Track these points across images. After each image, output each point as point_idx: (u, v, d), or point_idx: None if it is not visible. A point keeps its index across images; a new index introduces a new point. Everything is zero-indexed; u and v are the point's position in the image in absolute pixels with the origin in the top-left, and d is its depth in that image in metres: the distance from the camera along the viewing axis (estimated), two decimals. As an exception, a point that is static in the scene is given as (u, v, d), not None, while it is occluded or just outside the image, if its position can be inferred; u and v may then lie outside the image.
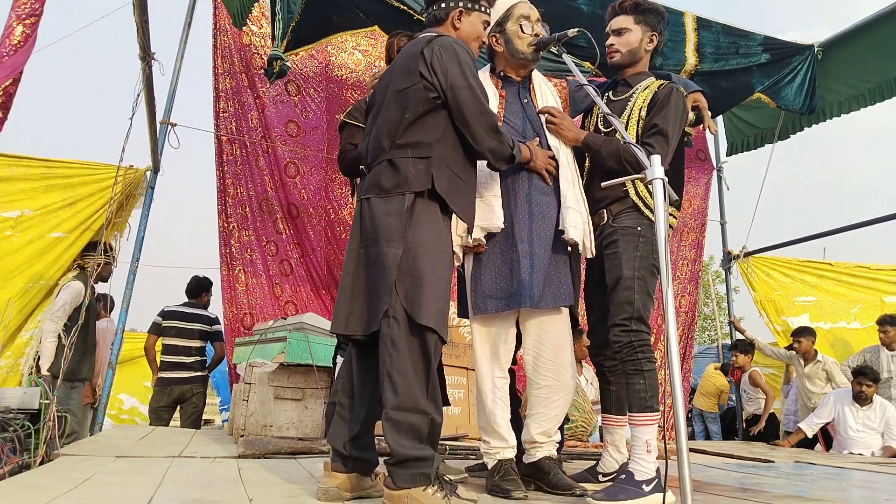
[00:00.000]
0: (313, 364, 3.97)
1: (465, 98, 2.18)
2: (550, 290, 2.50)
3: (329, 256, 5.59)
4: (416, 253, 2.11)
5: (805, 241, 6.65)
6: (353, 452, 2.21)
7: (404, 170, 2.16)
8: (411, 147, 2.19)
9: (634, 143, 2.11)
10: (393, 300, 2.06)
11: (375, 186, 2.21)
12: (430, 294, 2.09)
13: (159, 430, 4.48)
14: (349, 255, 2.25)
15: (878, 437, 5.28)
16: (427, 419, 2.04)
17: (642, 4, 2.79)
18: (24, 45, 2.19)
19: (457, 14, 2.39)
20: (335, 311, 2.24)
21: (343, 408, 2.26)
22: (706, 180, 7.04)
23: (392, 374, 2.03)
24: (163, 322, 5.58)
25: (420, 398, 2.03)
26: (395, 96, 2.23)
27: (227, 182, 5.19)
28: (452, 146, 2.25)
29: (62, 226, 4.69)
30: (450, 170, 2.22)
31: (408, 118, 2.19)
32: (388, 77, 2.33)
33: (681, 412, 1.72)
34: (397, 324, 2.05)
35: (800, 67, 5.55)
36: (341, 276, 2.27)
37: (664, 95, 2.63)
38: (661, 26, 2.81)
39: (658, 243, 1.84)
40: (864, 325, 6.80)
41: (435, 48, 2.20)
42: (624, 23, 2.78)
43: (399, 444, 2.00)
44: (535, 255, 2.49)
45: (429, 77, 2.17)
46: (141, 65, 3.76)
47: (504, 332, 2.56)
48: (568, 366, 2.57)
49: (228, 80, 5.24)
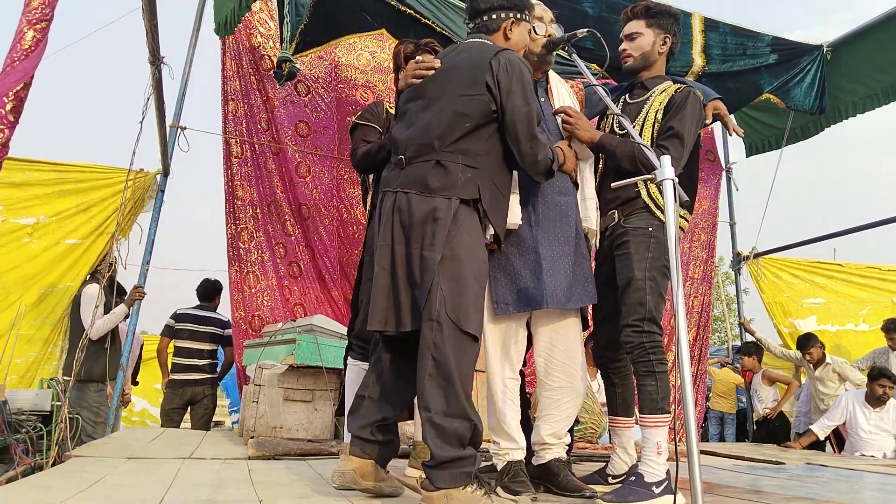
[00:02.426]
0: (322, 366, 3.98)
1: (521, 119, 2.21)
2: (578, 290, 2.51)
3: (342, 257, 5.59)
4: (461, 260, 2.12)
5: (815, 241, 6.61)
6: (376, 437, 2.22)
7: (454, 174, 2.17)
8: (462, 153, 2.20)
9: (646, 145, 2.12)
10: (437, 304, 2.06)
11: (419, 183, 2.19)
12: (474, 302, 2.12)
13: (170, 432, 4.50)
14: (383, 251, 2.23)
15: (890, 439, 5.24)
16: (471, 425, 2.04)
17: (653, 8, 2.80)
18: (35, 50, 2.21)
19: (509, 25, 2.42)
20: (372, 308, 2.21)
21: (372, 400, 2.27)
22: (716, 181, 7.00)
23: (438, 379, 2.04)
24: (175, 324, 5.61)
25: (466, 404, 2.04)
26: (458, 99, 2.23)
27: (235, 184, 5.20)
28: (497, 160, 2.28)
29: (77, 232, 4.74)
30: (493, 182, 2.25)
31: (468, 126, 2.21)
32: (446, 75, 2.31)
33: (691, 414, 1.71)
34: (440, 328, 2.05)
35: (809, 67, 5.52)
36: (375, 272, 2.25)
37: (681, 99, 2.63)
38: (674, 28, 2.81)
39: (668, 243, 1.84)
40: (872, 327, 6.73)
41: (502, 62, 2.22)
42: (636, 27, 2.79)
43: (441, 448, 2.00)
44: (557, 256, 2.49)
45: (494, 91, 2.20)
46: (151, 69, 3.78)
47: (516, 333, 2.56)
48: (579, 368, 2.57)
49: (237, 83, 5.25)
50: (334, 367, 4.10)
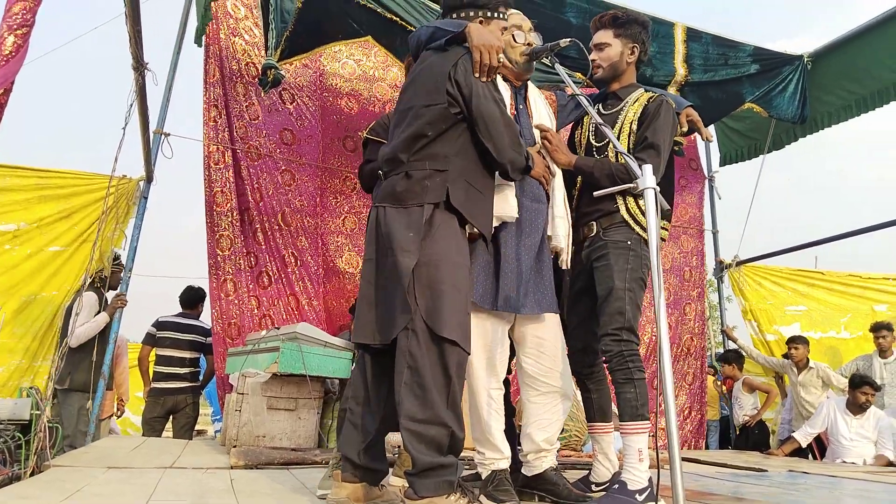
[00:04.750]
0: (306, 374, 3.96)
1: (488, 110, 2.21)
2: (535, 297, 2.50)
3: (326, 265, 5.57)
4: (436, 265, 2.11)
5: (796, 250, 6.70)
6: (365, 461, 2.21)
7: (420, 181, 2.18)
8: (430, 159, 2.21)
9: (627, 154, 2.13)
10: (412, 312, 2.06)
11: (391, 196, 2.22)
12: (451, 306, 2.09)
13: (151, 441, 4.45)
14: (366, 265, 2.26)
15: (871, 445, 5.29)
16: (447, 432, 2.03)
17: (621, 17, 2.82)
18: (16, 56, 2.19)
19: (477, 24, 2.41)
20: (358, 321, 2.23)
21: (354, 415, 2.26)
22: (699, 189, 7.08)
23: (412, 387, 2.03)
24: (157, 332, 5.56)
25: (441, 410, 2.02)
26: (420, 111, 2.23)
27: (214, 191, 5.16)
28: (470, 159, 2.27)
29: (59, 239, 4.70)
30: (467, 182, 2.24)
31: (430, 135, 2.21)
32: (411, 90, 2.33)
33: (672, 421, 1.72)
34: (415, 336, 2.05)
35: (791, 77, 5.60)
36: (360, 285, 2.27)
37: (654, 108, 2.66)
38: (642, 36, 2.82)
39: (650, 250, 1.86)
40: (854, 334, 6.83)
41: (460, 68, 2.22)
42: (604, 37, 2.82)
43: (421, 452, 2.00)
44: (520, 261, 2.49)
45: (453, 93, 2.20)
46: (134, 75, 3.76)
47: (502, 341, 2.55)
48: (568, 372, 2.59)
49: (219, 89, 5.22)
50: (318, 376, 4.08)
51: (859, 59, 5.39)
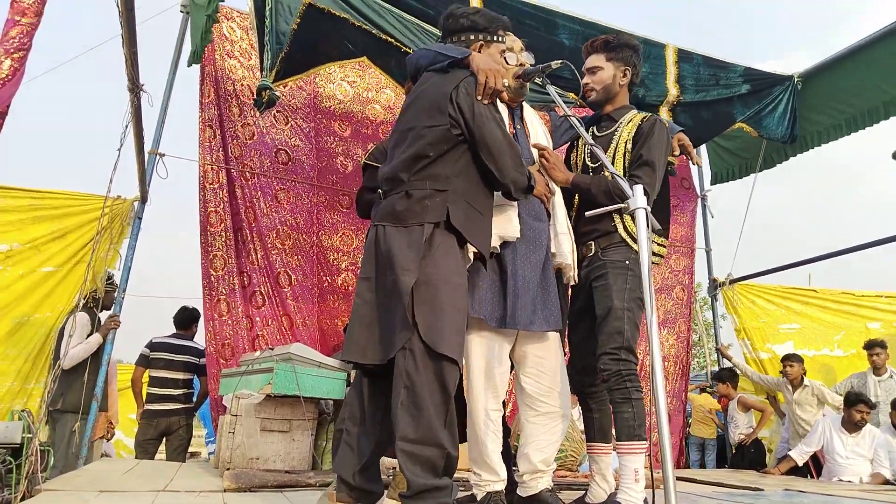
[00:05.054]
0: (300, 395, 3.94)
1: (490, 132, 2.23)
2: (543, 314, 2.51)
3: (322, 283, 5.56)
4: (435, 285, 2.11)
5: (789, 267, 6.72)
6: (361, 483, 2.19)
7: (421, 201, 2.19)
8: (430, 179, 2.22)
9: (618, 174, 2.16)
10: (410, 331, 2.05)
11: (391, 215, 2.22)
12: (451, 326, 2.09)
13: (144, 464, 4.41)
14: (363, 283, 2.26)
15: (867, 463, 5.28)
16: (443, 453, 2.02)
17: (612, 41, 2.88)
18: (13, 79, 2.20)
19: (478, 47, 2.46)
20: (350, 340, 2.22)
21: (350, 436, 2.25)
22: (692, 208, 7.12)
23: (409, 407, 2.02)
24: (151, 354, 5.52)
25: (438, 431, 2.01)
26: (422, 132, 2.25)
27: (209, 211, 5.16)
28: (471, 179, 2.29)
29: (52, 259, 4.67)
30: (467, 202, 2.25)
31: (432, 156, 2.23)
32: (412, 110, 2.34)
33: (666, 439, 1.72)
34: (413, 356, 2.04)
35: (781, 97, 5.65)
36: (355, 303, 2.26)
37: (648, 127, 2.71)
38: (633, 59, 2.88)
39: (642, 271, 1.87)
40: (847, 352, 6.84)
41: (461, 90, 2.23)
42: (596, 61, 2.88)
43: (415, 474, 1.99)
44: (526, 278, 2.50)
45: (454, 115, 2.22)
46: (130, 96, 3.78)
47: (500, 359, 2.54)
48: (567, 392, 2.60)
49: (214, 110, 5.25)
50: (312, 397, 4.06)
51: (849, 79, 5.44)
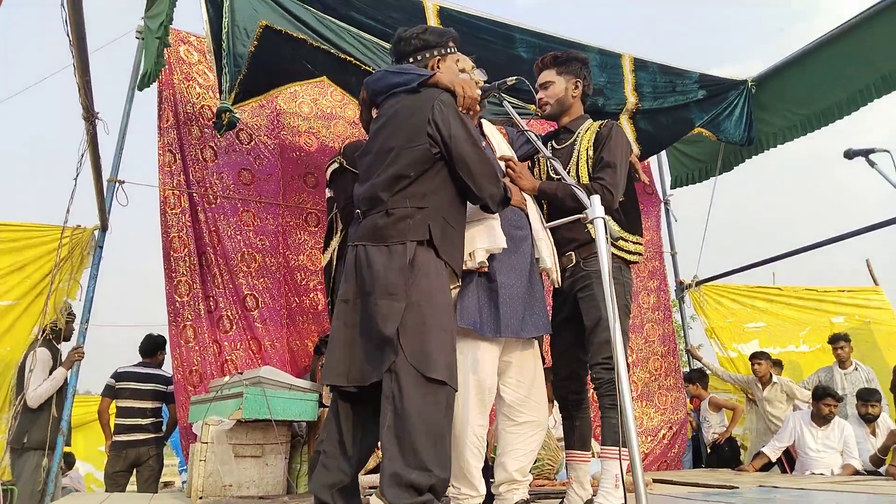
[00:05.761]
0: (272, 419, 3.88)
1: (467, 150, 2.26)
2: (531, 320, 2.55)
3: (291, 304, 5.49)
4: (420, 306, 2.10)
5: (754, 267, 6.83)
6: (339, 500, 2.18)
7: (403, 219, 2.19)
8: (410, 197, 2.23)
9: (577, 185, 2.20)
10: (395, 354, 2.04)
11: (371, 234, 2.22)
12: (439, 347, 2.08)
13: (115, 497, 4.30)
14: (341, 305, 2.24)
15: (837, 456, 5.37)
16: (430, 475, 1.99)
17: (560, 56, 2.99)
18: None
19: (435, 63, 2.49)
20: (329, 362, 2.20)
21: (328, 456, 2.23)
22: (655, 212, 7.21)
23: (396, 431, 2.00)
24: (116, 384, 5.40)
25: (424, 455, 1.98)
26: (402, 152, 2.25)
27: (171, 236, 5.07)
28: (447, 195, 2.30)
29: (11, 293, 4.57)
30: (444, 219, 2.26)
31: (412, 176, 2.24)
32: (387, 130, 2.33)
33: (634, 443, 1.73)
34: (398, 379, 2.02)
35: (736, 101, 5.78)
36: (334, 326, 2.25)
37: (606, 132, 2.80)
38: (583, 71, 2.98)
39: (603, 278, 1.90)
40: (813, 347, 6.98)
41: (436, 109, 2.25)
42: (548, 76, 2.97)
43: (395, 496, 1.96)
44: (513, 287, 2.53)
45: (433, 134, 2.23)
46: (85, 124, 3.72)
47: (492, 373, 2.52)
48: (545, 402, 2.64)
49: (174, 134, 5.17)
50: (284, 420, 4.00)
51: (800, 83, 5.57)
